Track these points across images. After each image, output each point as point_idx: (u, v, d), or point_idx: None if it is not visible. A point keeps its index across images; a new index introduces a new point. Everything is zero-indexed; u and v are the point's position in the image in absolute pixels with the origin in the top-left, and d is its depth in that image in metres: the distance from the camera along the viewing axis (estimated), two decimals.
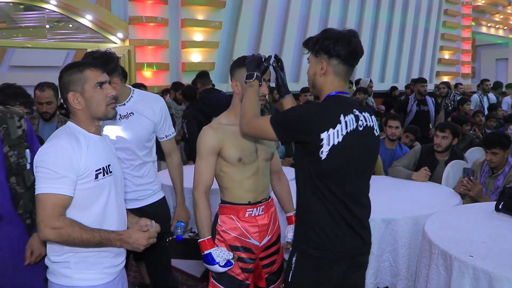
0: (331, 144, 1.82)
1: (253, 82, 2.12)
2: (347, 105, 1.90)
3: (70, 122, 1.90)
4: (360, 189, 1.96)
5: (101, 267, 1.87)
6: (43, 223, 1.71)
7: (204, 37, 8.45)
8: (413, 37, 12.42)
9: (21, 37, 8.45)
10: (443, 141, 4.04)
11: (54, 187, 1.73)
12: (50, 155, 1.75)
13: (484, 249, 2.20)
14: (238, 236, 2.28)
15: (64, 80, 1.86)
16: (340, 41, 1.87)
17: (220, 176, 2.30)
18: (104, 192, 1.88)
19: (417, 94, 6.52)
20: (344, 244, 1.91)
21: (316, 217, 1.91)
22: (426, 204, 3.10)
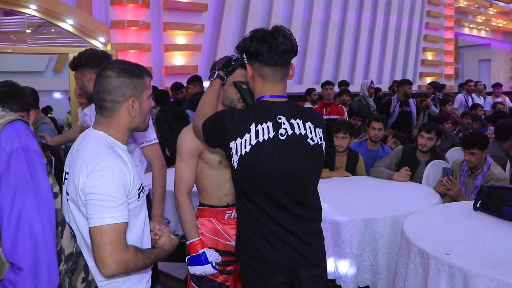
0: (239, 154, 1.75)
1: (214, 81, 2.09)
2: (269, 112, 1.78)
3: (102, 133, 1.69)
4: (292, 200, 1.81)
5: (145, 281, 1.80)
6: (111, 257, 1.50)
7: (186, 40, 8.42)
8: (396, 39, 12.52)
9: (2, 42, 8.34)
10: (429, 142, 4.08)
11: (117, 215, 1.53)
12: (107, 179, 1.53)
13: (460, 248, 2.22)
14: (217, 239, 2.27)
15: (123, 81, 1.66)
16: (255, 40, 1.75)
17: (200, 178, 2.28)
18: (142, 210, 1.75)
19: (402, 96, 6.55)
20: (273, 255, 1.81)
21: (244, 227, 1.86)
22: (406, 204, 3.13)
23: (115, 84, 1.66)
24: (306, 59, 10.53)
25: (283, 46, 1.74)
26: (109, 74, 1.67)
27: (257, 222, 1.81)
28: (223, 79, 2.12)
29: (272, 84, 1.81)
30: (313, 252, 1.87)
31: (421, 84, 12.96)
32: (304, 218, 1.85)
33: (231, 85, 2.17)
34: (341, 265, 2.83)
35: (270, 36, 1.74)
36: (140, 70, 1.73)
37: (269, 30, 1.77)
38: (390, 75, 12.25)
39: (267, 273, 1.84)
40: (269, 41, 1.73)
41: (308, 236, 1.85)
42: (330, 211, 2.91)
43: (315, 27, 10.64)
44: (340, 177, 4.03)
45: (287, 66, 1.82)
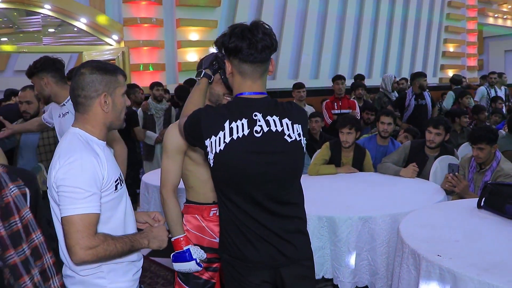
0: (214, 152, 1.73)
1: (200, 80, 2.06)
2: (245, 108, 1.75)
3: (78, 129, 1.75)
4: (269, 198, 1.77)
5: (131, 273, 1.84)
6: (78, 246, 1.57)
7: (199, 37, 8.40)
8: (415, 31, 12.27)
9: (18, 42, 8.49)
10: (437, 137, 3.96)
11: (85, 206, 1.59)
12: (76, 171, 1.61)
13: (455, 248, 2.13)
14: (202, 236, 2.26)
15: (95, 78, 1.71)
16: (234, 36, 1.71)
17: (185, 175, 2.27)
18: (122, 202, 1.81)
19: (417, 89, 6.40)
20: (255, 254, 1.79)
21: (225, 224, 1.85)
22: (408, 201, 3.04)
23: (88, 80, 1.72)
24: (322, 53, 10.40)
25: (262, 43, 1.71)
26: (83, 72, 1.73)
27: (236, 220, 1.78)
28: (210, 78, 2.09)
29: (251, 81, 1.77)
30: (295, 251, 1.82)
31: (442, 76, 12.69)
32: (284, 216, 1.81)
33: (217, 81, 2.14)
34: (338, 264, 2.76)
35: (249, 32, 1.70)
36: (114, 68, 1.77)
37: (248, 25, 1.74)
38: (409, 68, 12.01)
39: (248, 271, 1.81)
40: (248, 37, 1.70)
41: (288, 234, 1.81)
42: (326, 208, 2.85)
43: (331, 20, 10.49)
44: (346, 173, 3.94)
45: (267, 62, 1.79)
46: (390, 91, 7.45)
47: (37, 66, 2.94)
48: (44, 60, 2.96)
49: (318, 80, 10.18)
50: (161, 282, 3.96)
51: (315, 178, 3.80)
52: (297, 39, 10.06)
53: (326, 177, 3.83)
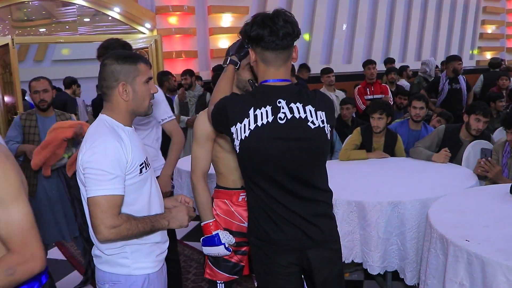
0: (239, 139, 1.78)
1: (227, 67, 2.09)
2: (269, 96, 1.79)
3: (106, 116, 1.84)
4: (295, 182, 1.81)
5: (154, 254, 1.90)
6: (103, 225, 1.68)
7: (231, 23, 8.44)
8: (451, 12, 11.95)
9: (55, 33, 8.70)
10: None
11: (109, 188, 1.69)
12: (100, 155, 1.70)
13: (484, 234, 2.12)
14: (231, 220, 2.31)
15: (114, 68, 1.79)
16: (255, 25, 1.75)
17: (215, 161, 2.33)
18: (147, 185, 1.88)
19: (451, 73, 6.25)
20: (281, 237, 1.84)
21: (252, 209, 1.90)
22: (439, 186, 3.01)
23: (108, 71, 1.80)
24: (355, 37, 10.27)
25: (283, 30, 1.74)
26: (105, 63, 1.82)
27: (263, 204, 1.83)
28: (237, 64, 2.11)
29: (274, 68, 1.81)
30: (321, 234, 1.87)
31: (480, 59, 12.36)
32: (310, 199, 1.85)
33: (245, 68, 2.17)
34: (367, 249, 2.78)
35: (270, 20, 1.73)
36: (135, 58, 1.84)
37: (269, 14, 1.76)
38: (445, 51, 11.73)
39: (275, 253, 1.86)
40: (269, 25, 1.73)
41: (314, 217, 1.85)
42: (356, 193, 2.86)
43: (363, 4, 10.33)
44: (377, 158, 3.93)
45: (290, 49, 1.82)
46: (432, 76, 7.29)
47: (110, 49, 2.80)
48: (114, 41, 2.91)
49: (350, 65, 10.07)
50: (194, 266, 4.06)
51: (346, 163, 3.80)
52: (329, 24, 9.96)
53: (357, 162, 3.83)
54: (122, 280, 1.83)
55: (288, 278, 1.88)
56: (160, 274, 1.95)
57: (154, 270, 1.90)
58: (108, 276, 1.84)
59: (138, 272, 1.84)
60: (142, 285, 1.85)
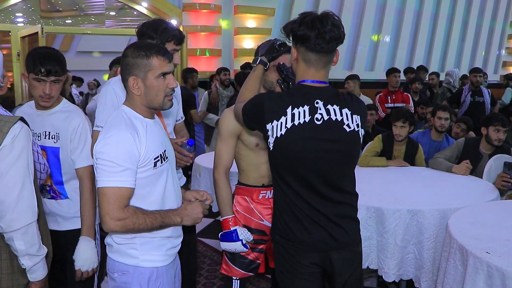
0: (274, 136, 1.78)
1: (256, 67, 2.11)
2: (307, 96, 1.79)
3: (125, 107, 1.84)
4: (325, 184, 1.82)
5: (165, 248, 1.89)
6: (108, 216, 1.69)
7: (257, 24, 8.46)
8: (478, 24, 11.84)
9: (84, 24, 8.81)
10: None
11: (117, 180, 1.69)
12: (111, 146, 1.70)
13: (505, 247, 2.10)
14: (250, 217, 2.33)
15: (128, 61, 1.78)
16: (304, 25, 1.74)
17: (238, 158, 2.36)
18: (161, 178, 1.86)
19: (471, 85, 6.23)
20: (307, 237, 1.84)
21: (279, 207, 1.90)
22: (459, 198, 2.99)
23: (124, 63, 1.80)
24: (379, 45, 10.23)
25: (330, 33, 1.74)
26: (123, 54, 1.82)
27: (291, 203, 1.84)
28: (266, 65, 2.14)
29: (315, 70, 1.81)
30: (346, 236, 1.88)
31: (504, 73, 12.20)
32: (337, 202, 1.86)
33: (272, 68, 2.19)
34: (383, 255, 2.78)
35: (319, 22, 1.73)
36: (148, 51, 1.78)
37: (319, 15, 1.76)
38: (469, 64, 11.62)
39: (298, 252, 1.87)
40: (317, 27, 1.73)
41: (340, 219, 1.86)
42: (375, 199, 2.86)
43: (389, 12, 10.30)
44: (397, 167, 3.92)
45: (333, 53, 1.82)
46: (457, 87, 7.25)
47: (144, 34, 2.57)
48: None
49: (373, 72, 10.04)
50: (207, 262, 4.09)
51: (365, 169, 3.80)
52: (354, 30, 9.94)
53: (377, 169, 3.82)
54: (131, 271, 1.84)
55: (310, 278, 1.88)
56: (170, 268, 1.95)
57: (163, 264, 1.89)
58: (118, 265, 1.86)
59: (146, 264, 1.85)
60: (150, 277, 1.85)
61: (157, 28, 2.38)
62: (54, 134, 2.26)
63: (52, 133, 2.26)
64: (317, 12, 1.79)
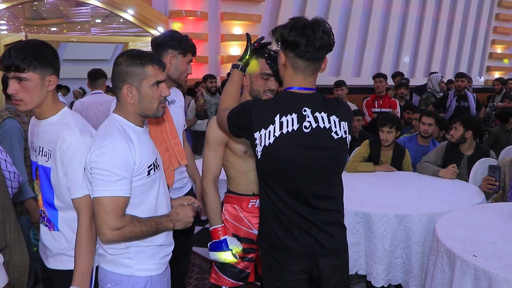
0: (263, 145, 1.76)
1: (233, 71, 2.10)
2: (295, 103, 1.77)
3: (116, 115, 1.83)
4: (313, 193, 1.81)
5: (158, 257, 1.89)
6: (106, 226, 1.67)
7: (243, 31, 8.50)
8: (462, 30, 11.99)
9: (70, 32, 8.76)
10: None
11: (114, 189, 1.68)
12: (107, 155, 1.68)
13: (491, 250, 2.12)
14: (240, 226, 2.32)
15: (121, 69, 1.77)
16: (294, 31, 1.71)
17: (226, 166, 2.34)
18: (155, 187, 1.86)
19: (455, 90, 6.32)
20: (294, 244, 1.83)
21: (266, 214, 1.88)
22: (445, 202, 3.01)
23: (117, 71, 1.79)
24: (365, 51, 10.31)
25: (321, 41, 1.72)
26: (116, 62, 1.80)
27: (278, 210, 1.82)
28: (239, 67, 2.11)
29: (303, 77, 1.79)
30: (333, 242, 1.87)
31: (489, 78, 12.36)
32: (325, 209, 1.85)
33: (258, 76, 2.19)
34: (372, 261, 2.78)
35: (310, 29, 1.71)
36: (144, 60, 1.79)
37: (310, 21, 1.73)
38: (454, 69, 11.75)
39: (286, 260, 1.86)
40: (308, 34, 1.70)
41: (327, 226, 1.85)
42: (363, 205, 2.86)
43: (375, 17, 10.39)
44: (384, 172, 3.93)
45: (322, 61, 1.80)
46: (438, 91, 7.32)
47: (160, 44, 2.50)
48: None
49: (360, 78, 10.10)
50: (196, 271, 4.06)
51: (353, 175, 3.81)
52: (341, 36, 10.01)
53: (364, 175, 3.84)
54: (125, 281, 1.81)
55: (297, 285, 1.87)
56: (163, 277, 1.94)
57: (157, 273, 1.89)
58: (111, 275, 1.83)
59: (141, 273, 1.83)
60: (144, 286, 1.83)
61: (181, 40, 2.46)
62: (46, 150, 1.88)
63: (45, 149, 1.89)
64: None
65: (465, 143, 3.92)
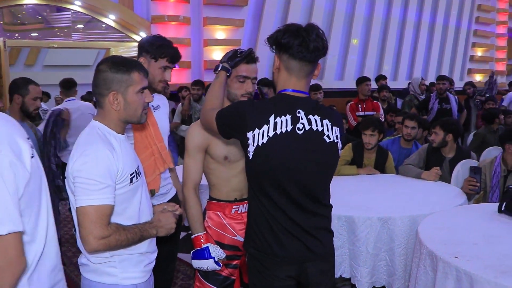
0: (255, 145, 1.76)
1: (218, 73, 2.10)
2: (289, 105, 1.79)
3: (98, 123, 1.81)
4: (304, 196, 1.81)
5: (143, 264, 1.86)
6: (91, 235, 1.63)
7: (226, 35, 8.48)
8: (443, 34, 12.14)
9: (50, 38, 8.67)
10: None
11: (99, 197, 1.65)
12: (91, 164, 1.66)
13: (473, 251, 2.13)
14: (223, 233, 2.29)
15: (106, 76, 1.75)
16: (288, 33, 1.75)
17: (207, 172, 2.31)
18: (137, 194, 1.84)
19: (437, 93, 6.40)
20: (283, 249, 1.82)
21: (255, 218, 1.87)
22: (428, 204, 3.03)
23: (101, 78, 1.77)
24: (348, 54, 10.37)
25: (314, 43, 1.75)
26: (99, 69, 1.78)
27: (268, 214, 1.82)
28: (228, 71, 2.12)
29: (297, 79, 1.81)
30: (322, 247, 1.87)
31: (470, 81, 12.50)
32: (314, 213, 1.85)
33: (233, 79, 2.18)
34: (356, 264, 2.78)
35: (304, 31, 1.75)
36: (129, 66, 1.79)
37: (304, 26, 1.79)
38: (436, 72, 11.87)
39: (274, 265, 1.84)
40: (302, 35, 1.74)
41: (317, 231, 1.86)
42: (346, 208, 2.86)
43: (357, 21, 10.46)
44: (368, 175, 3.95)
45: (315, 64, 1.83)
46: (419, 93, 7.39)
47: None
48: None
49: (343, 81, 10.15)
50: (180, 277, 4.03)
51: (336, 178, 3.74)
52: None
53: (347, 178, 3.84)
54: None
55: None
56: (148, 284, 1.91)
57: (142, 281, 1.86)
58: (94, 285, 1.79)
59: (126, 282, 1.80)
60: None
61: (153, 44, 2.41)
62: None
63: None
64: (285, 24, 1.82)
65: (446, 146, 3.96)
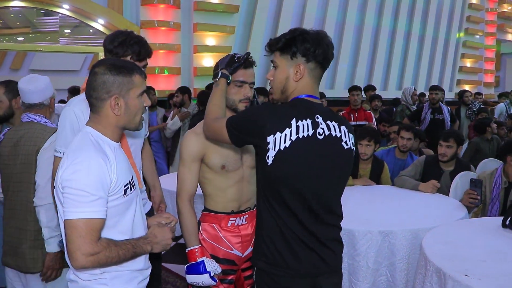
0: (277, 149, 1.68)
1: (218, 81, 2.02)
2: (308, 110, 1.74)
3: (91, 129, 1.67)
4: (321, 205, 1.76)
5: (136, 281, 1.75)
6: (79, 251, 1.50)
7: (216, 42, 8.39)
8: (433, 44, 12.19)
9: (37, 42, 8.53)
10: (448, 150, 3.90)
11: (89, 210, 1.52)
12: (82, 173, 1.52)
13: (482, 268, 2.05)
14: (218, 246, 2.17)
15: (107, 79, 1.62)
16: (319, 44, 1.75)
17: (203, 182, 2.20)
18: (131, 207, 1.71)
19: (430, 103, 6.38)
20: (297, 261, 1.74)
21: (266, 230, 1.79)
22: (428, 217, 2.94)
23: (99, 81, 1.63)
24: (338, 63, 10.34)
25: (331, 52, 1.81)
26: (96, 71, 1.64)
27: (282, 224, 1.75)
28: (228, 78, 2.05)
29: (316, 85, 1.83)
30: (335, 258, 1.84)
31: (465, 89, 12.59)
32: (329, 224, 1.81)
33: (230, 85, 2.09)
34: (355, 279, 2.67)
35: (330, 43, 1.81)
36: (130, 68, 1.68)
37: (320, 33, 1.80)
38: (426, 82, 11.92)
39: (286, 280, 1.77)
40: (326, 44, 1.78)
41: (330, 242, 1.82)
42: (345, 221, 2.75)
43: (348, 30, 10.45)
44: (363, 186, 3.86)
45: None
46: (411, 104, 7.36)
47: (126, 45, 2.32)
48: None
49: (333, 90, 10.12)
50: None
51: None
52: None
53: None
54: None
55: None
56: None
57: None
58: None
59: None
60: None
61: (114, 40, 2.23)
62: None
63: None
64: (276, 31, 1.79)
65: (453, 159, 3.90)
